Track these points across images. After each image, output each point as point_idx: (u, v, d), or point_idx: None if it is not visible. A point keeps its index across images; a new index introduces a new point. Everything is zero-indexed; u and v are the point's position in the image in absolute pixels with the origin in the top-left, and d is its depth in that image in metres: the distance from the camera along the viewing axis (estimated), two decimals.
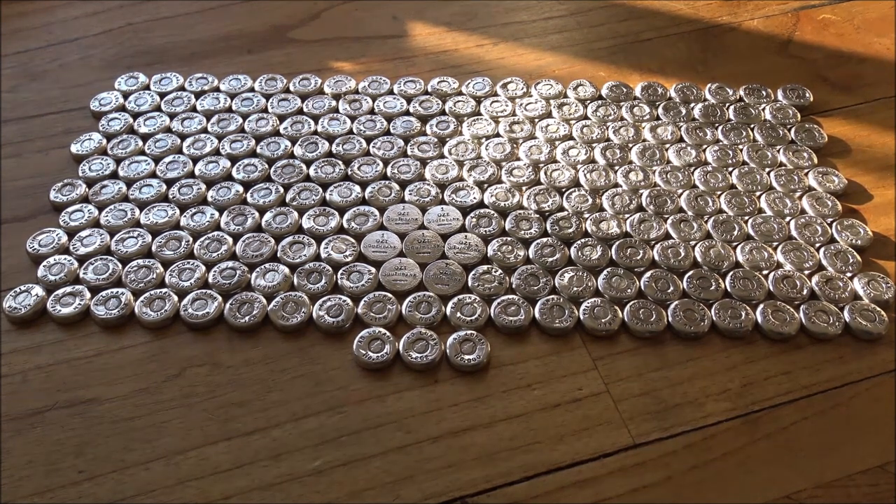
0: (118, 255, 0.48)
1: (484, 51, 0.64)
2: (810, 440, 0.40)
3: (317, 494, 0.38)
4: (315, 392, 0.42)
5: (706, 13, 0.68)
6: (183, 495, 0.38)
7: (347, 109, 0.58)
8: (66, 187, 0.52)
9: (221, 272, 0.47)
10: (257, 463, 0.39)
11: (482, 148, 0.55)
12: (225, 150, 0.55)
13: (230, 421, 0.41)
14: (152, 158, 0.54)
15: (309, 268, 0.48)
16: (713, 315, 0.45)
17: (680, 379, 0.43)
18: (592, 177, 0.53)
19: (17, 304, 0.46)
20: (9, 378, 0.43)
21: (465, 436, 0.40)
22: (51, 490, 0.38)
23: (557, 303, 0.46)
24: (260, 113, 0.58)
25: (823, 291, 0.46)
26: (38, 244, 0.49)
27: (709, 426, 0.41)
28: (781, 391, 0.42)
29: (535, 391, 0.42)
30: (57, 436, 0.40)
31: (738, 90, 0.59)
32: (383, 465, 0.39)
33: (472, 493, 0.38)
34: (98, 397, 0.42)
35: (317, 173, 0.53)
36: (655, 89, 0.60)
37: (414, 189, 0.52)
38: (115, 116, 0.57)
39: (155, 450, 0.40)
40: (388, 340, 0.44)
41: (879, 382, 0.43)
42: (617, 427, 0.41)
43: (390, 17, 0.68)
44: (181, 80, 0.60)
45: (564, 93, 0.59)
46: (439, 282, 0.47)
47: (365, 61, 0.63)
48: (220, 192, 0.52)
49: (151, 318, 0.45)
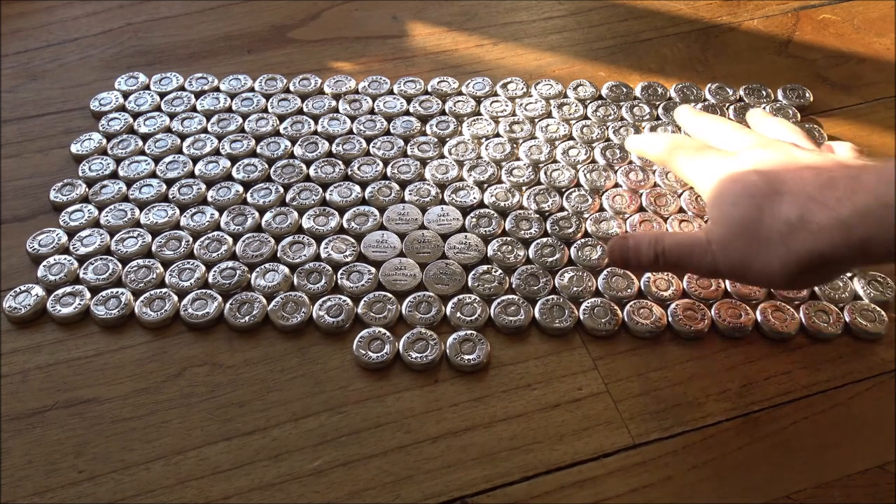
0: (118, 255, 0.48)
1: (484, 51, 0.64)
2: (810, 440, 0.40)
3: (317, 494, 0.38)
4: (315, 392, 0.42)
5: (706, 13, 0.68)
6: (183, 495, 0.38)
7: (347, 109, 0.58)
8: (66, 187, 0.52)
9: (221, 272, 0.47)
10: (257, 463, 0.39)
11: (482, 148, 0.55)
12: (225, 150, 0.55)
13: (230, 421, 0.41)
14: (152, 158, 0.54)
15: (309, 268, 0.48)
16: (713, 315, 0.45)
17: (680, 379, 0.43)
18: (592, 177, 0.53)
19: (17, 304, 0.46)
20: (9, 378, 0.43)
21: (465, 436, 0.40)
22: (51, 490, 0.38)
23: (557, 303, 0.46)
24: (260, 113, 0.58)
25: (823, 291, 0.46)
26: (38, 244, 0.49)
27: (709, 426, 0.41)
28: (781, 391, 0.42)
29: (535, 391, 0.42)
30: (57, 436, 0.40)
31: (738, 90, 0.59)
32: (383, 465, 0.39)
33: (472, 493, 0.38)
34: (98, 397, 0.42)
35: (317, 173, 0.53)
36: (655, 89, 0.60)
37: (414, 189, 0.52)
38: (115, 116, 0.57)
39: (155, 450, 0.40)
40: (388, 340, 0.44)
41: (879, 382, 0.43)
42: (617, 427, 0.41)
43: (390, 17, 0.68)
44: (181, 80, 0.60)
45: (564, 93, 0.59)
46: (439, 282, 0.47)
47: (365, 61, 0.63)
48: (220, 192, 0.52)
49: (151, 318, 0.45)
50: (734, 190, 0.40)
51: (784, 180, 0.38)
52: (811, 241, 0.36)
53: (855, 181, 0.35)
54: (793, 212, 0.37)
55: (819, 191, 0.36)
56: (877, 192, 0.34)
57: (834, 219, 0.35)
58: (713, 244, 0.40)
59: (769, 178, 0.39)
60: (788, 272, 0.37)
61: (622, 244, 0.43)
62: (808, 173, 0.38)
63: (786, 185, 0.38)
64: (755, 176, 0.40)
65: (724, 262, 0.39)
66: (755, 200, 0.38)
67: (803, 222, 0.36)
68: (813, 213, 0.36)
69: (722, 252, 0.39)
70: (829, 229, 0.35)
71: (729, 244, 0.39)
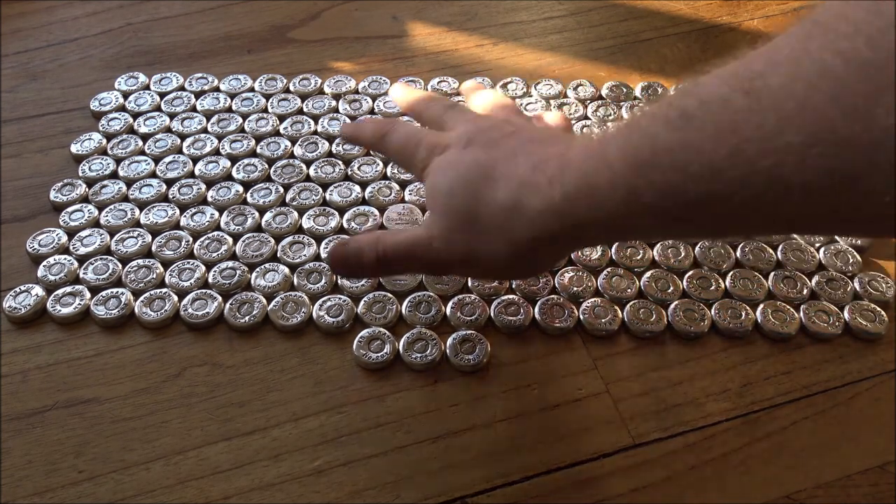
0: (118, 255, 0.48)
1: (484, 51, 0.64)
2: (810, 440, 0.40)
3: (317, 494, 0.38)
4: (315, 392, 0.42)
5: (706, 13, 0.68)
6: (183, 495, 0.38)
7: (347, 109, 0.58)
8: (66, 187, 0.52)
9: (221, 272, 0.47)
10: (257, 463, 0.39)
11: None
12: (225, 150, 0.55)
13: (230, 421, 0.41)
14: (152, 158, 0.54)
15: (309, 268, 0.48)
16: (713, 315, 0.45)
17: (680, 379, 0.43)
18: None
19: (17, 304, 0.46)
20: (9, 378, 0.43)
21: (465, 436, 0.40)
22: (51, 490, 0.38)
23: (557, 303, 0.46)
24: (260, 113, 0.58)
25: (823, 291, 0.46)
26: (38, 244, 0.49)
27: (709, 426, 0.41)
28: (781, 391, 0.42)
29: (535, 391, 0.42)
30: (57, 436, 0.40)
31: None
32: (383, 465, 0.39)
33: (472, 493, 0.38)
34: (98, 397, 0.42)
35: (317, 173, 0.53)
36: (655, 89, 0.60)
37: (414, 189, 0.52)
38: (115, 116, 0.57)
39: (155, 450, 0.40)
40: (388, 340, 0.44)
41: (879, 382, 0.43)
42: (617, 427, 0.41)
43: (390, 17, 0.68)
44: (181, 80, 0.60)
45: (564, 93, 0.59)
46: (439, 281, 0.47)
47: (365, 61, 0.63)
48: (220, 192, 0.52)
49: (151, 318, 0.45)
50: (449, 178, 0.37)
51: (496, 164, 0.36)
52: (528, 228, 0.34)
53: (563, 159, 0.34)
54: (507, 197, 0.35)
55: (531, 172, 0.34)
56: (584, 169, 0.32)
57: (547, 203, 0.33)
58: (435, 240, 0.37)
59: (482, 163, 0.36)
60: (511, 261, 0.36)
61: (341, 250, 0.40)
62: (521, 155, 0.36)
63: (497, 168, 0.36)
64: (468, 161, 0.37)
65: (449, 257, 0.37)
66: (471, 188, 0.36)
67: (518, 208, 0.34)
68: (527, 197, 0.34)
69: (445, 246, 0.37)
70: (543, 214, 0.33)
71: (451, 237, 0.37)
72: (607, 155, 0.31)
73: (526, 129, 0.39)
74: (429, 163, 0.39)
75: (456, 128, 0.40)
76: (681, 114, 0.28)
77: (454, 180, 0.37)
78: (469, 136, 0.38)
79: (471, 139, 0.38)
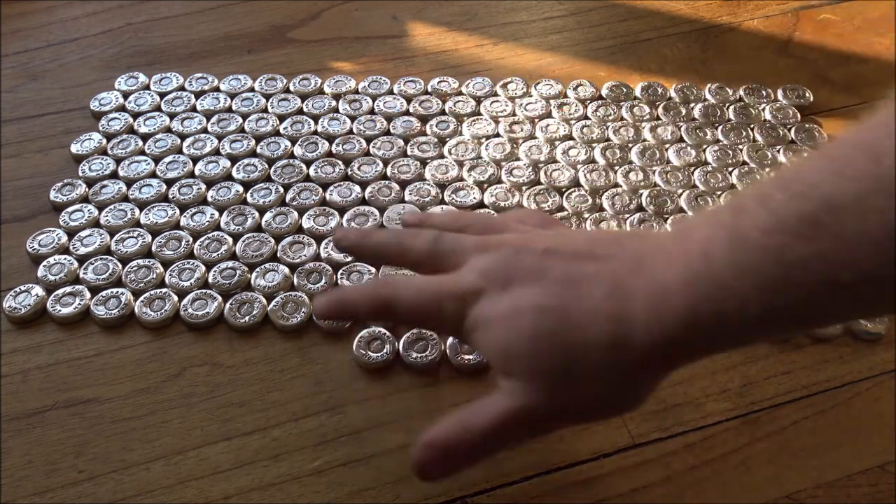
0: (118, 255, 0.48)
1: (484, 51, 0.64)
2: (810, 440, 0.40)
3: (317, 494, 0.38)
4: (315, 392, 0.42)
5: (706, 13, 0.68)
6: (183, 495, 0.38)
7: (347, 109, 0.58)
8: (66, 187, 0.52)
9: (221, 272, 0.47)
10: (257, 463, 0.39)
11: (482, 148, 0.55)
12: (225, 150, 0.55)
13: (230, 421, 0.41)
14: (152, 158, 0.54)
15: (309, 268, 0.48)
16: None
17: (680, 379, 0.43)
18: (592, 177, 0.53)
19: (17, 304, 0.46)
20: (9, 378, 0.43)
21: None
22: (51, 490, 0.38)
23: None
24: (260, 113, 0.58)
25: None
26: (38, 244, 0.49)
27: (709, 426, 0.41)
28: (781, 391, 0.42)
29: None
30: (57, 436, 0.40)
31: (738, 90, 0.59)
32: (383, 465, 0.39)
33: (472, 493, 0.38)
34: (98, 397, 0.42)
35: (317, 173, 0.53)
36: (655, 89, 0.60)
37: (414, 189, 0.52)
38: (115, 116, 0.57)
39: (155, 450, 0.40)
40: (388, 340, 0.44)
41: (879, 382, 0.43)
42: (617, 427, 0.41)
43: (390, 17, 0.68)
44: (181, 80, 0.60)
45: (564, 93, 0.59)
46: None
47: (365, 61, 0.63)
48: (220, 192, 0.52)
49: (151, 318, 0.45)
50: (523, 337, 0.31)
51: (564, 304, 0.31)
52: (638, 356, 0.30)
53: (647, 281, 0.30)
54: (602, 339, 0.30)
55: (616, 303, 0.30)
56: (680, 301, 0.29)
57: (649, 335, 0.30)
58: (535, 406, 0.32)
59: (548, 309, 0.31)
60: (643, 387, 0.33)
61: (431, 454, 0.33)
62: (582, 284, 0.31)
63: (571, 312, 0.31)
64: (528, 309, 0.32)
65: (557, 418, 0.33)
66: (556, 343, 0.31)
67: (621, 345, 0.30)
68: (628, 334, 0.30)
69: (548, 408, 0.32)
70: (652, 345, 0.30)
71: (552, 397, 0.32)
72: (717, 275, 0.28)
73: (534, 242, 0.34)
74: (465, 316, 0.33)
75: (461, 262, 0.35)
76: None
77: (531, 339, 0.31)
78: (493, 272, 0.34)
79: (499, 275, 0.33)
